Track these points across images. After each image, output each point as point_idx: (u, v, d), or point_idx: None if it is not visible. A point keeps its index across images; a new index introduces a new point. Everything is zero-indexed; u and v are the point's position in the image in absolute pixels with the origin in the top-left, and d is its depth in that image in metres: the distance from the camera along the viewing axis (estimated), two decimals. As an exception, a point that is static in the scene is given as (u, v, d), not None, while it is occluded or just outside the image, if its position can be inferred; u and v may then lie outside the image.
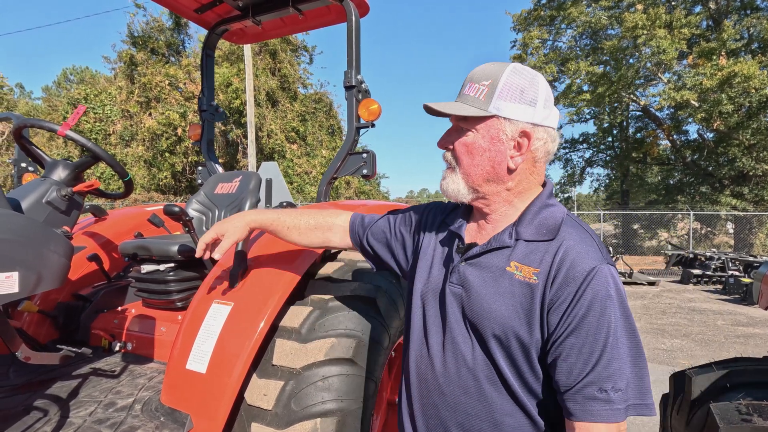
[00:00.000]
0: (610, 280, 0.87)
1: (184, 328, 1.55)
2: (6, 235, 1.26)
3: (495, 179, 0.98)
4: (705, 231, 21.54)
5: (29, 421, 1.41)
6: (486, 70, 0.97)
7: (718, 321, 7.33)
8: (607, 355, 0.84)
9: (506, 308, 0.92)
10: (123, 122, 18.22)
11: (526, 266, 0.92)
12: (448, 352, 0.99)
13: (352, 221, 1.35)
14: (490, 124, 0.96)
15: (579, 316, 0.86)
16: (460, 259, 1.01)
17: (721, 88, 15.95)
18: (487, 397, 0.94)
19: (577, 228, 0.96)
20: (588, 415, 0.83)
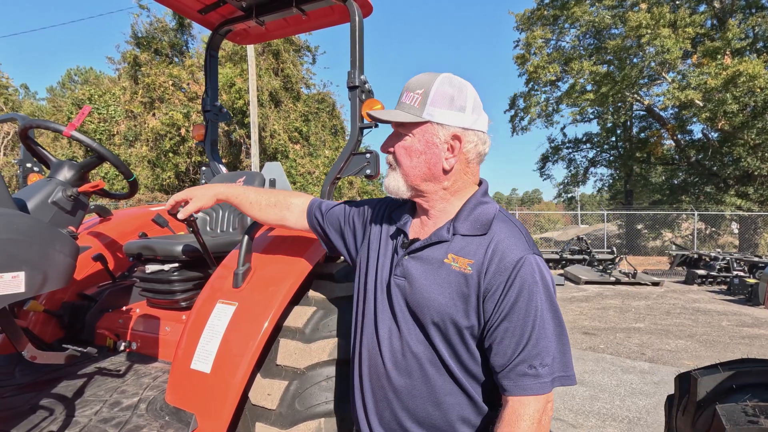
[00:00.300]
0: (535, 268, 0.98)
1: (188, 327, 1.56)
2: (12, 235, 1.27)
3: (431, 179, 1.09)
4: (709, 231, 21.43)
5: (35, 419, 1.42)
6: (419, 80, 1.08)
7: (723, 322, 7.29)
8: (535, 335, 0.94)
9: (444, 297, 1.02)
10: (127, 122, 18.28)
11: (461, 258, 1.02)
12: (394, 340, 1.08)
13: (311, 204, 1.44)
14: (424, 129, 1.07)
15: (510, 302, 0.96)
16: (404, 253, 1.12)
17: (726, 88, 15.85)
18: (429, 379, 1.04)
19: (507, 223, 1.07)
20: (520, 389, 0.94)
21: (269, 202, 1.46)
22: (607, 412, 3.78)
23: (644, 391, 4.25)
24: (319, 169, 19.48)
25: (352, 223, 1.34)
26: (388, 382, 1.07)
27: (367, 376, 1.13)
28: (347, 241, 1.34)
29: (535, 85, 23.17)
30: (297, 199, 1.46)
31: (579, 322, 7.21)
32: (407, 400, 1.05)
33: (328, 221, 1.38)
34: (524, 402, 0.93)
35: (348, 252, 1.35)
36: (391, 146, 1.12)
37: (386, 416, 1.09)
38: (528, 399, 0.93)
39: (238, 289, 1.57)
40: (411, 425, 1.05)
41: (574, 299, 9.29)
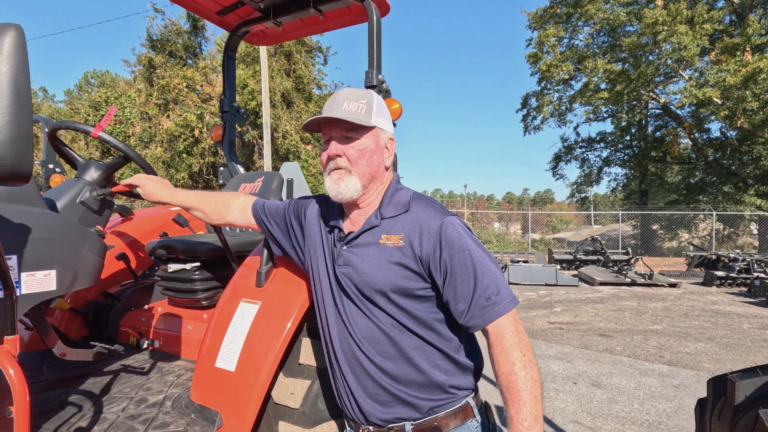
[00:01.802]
0: (456, 225, 1.16)
1: (212, 326, 1.57)
2: (44, 234, 1.30)
3: (377, 177, 1.26)
4: (728, 232, 20.97)
5: (65, 415, 1.44)
6: (356, 92, 1.24)
7: (744, 324, 7.13)
8: (479, 275, 1.12)
9: (385, 270, 1.17)
10: (142, 124, 18.57)
11: (393, 236, 1.19)
12: (357, 318, 1.22)
13: (254, 206, 1.52)
14: (374, 133, 1.24)
15: (448, 258, 1.13)
16: (342, 245, 1.26)
17: (746, 85, 15.50)
18: (395, 340, 1.17)
19: (422, 198, 1.26)
20: (488, 320, 1.11)
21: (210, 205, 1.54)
22: (626, 415, 3.72)
23: (664, 394, 4.17)
24: (330, 169, 19.53)
25: (292, 223, 1.44)
26: (362, 354, 1.19)
27: (344, 359, 1.23)
28: (293, 242, 1.44)
29: (548, 84, 22.95)
30: (237, 199, 1.55)
31: (595, 323, 7.11)
32: (382, 364, 1.18)
33: (274, 222, 1.47)
34: (498, 324, 1.10)
35: (294, 251, 1.45)
36: (341, 150, 1.21)
37: (369, 385, 1.19)
38: (497, 322, 1.10)
39: (261, 289, 1.58)
40: (392, 385, 1.17)
41: (589, 300, 9.17)
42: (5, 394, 0.93)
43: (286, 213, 1.46)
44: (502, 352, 1.08)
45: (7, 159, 0.77)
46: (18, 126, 0.78)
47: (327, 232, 1.33)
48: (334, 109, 1.21)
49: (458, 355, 1.21)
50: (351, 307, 1.23)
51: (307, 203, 1.43)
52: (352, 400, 1.22)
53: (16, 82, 0.78)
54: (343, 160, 1.21)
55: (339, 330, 1.25)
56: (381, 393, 1.18)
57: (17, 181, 0.81)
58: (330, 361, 1.30)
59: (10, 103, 0.77)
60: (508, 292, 1.13)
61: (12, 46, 0.77)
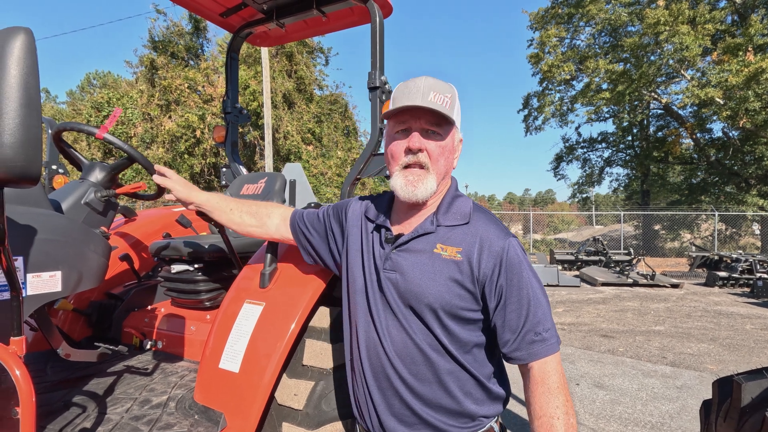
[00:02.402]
0: (518, 250, 1.09)
1: (216, 327, 1.58)
2: (49, 235, 1.30)
3: (446, 177, 1.18)
4: (730, 232, 20.91)
5: (69, 416, 1.45)
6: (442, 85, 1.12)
7: (747, 325, 7.11)
8: (532, 307, 1.06)
9: (438, 284, 1.08)
10: (144, 125, 18.61)
11: (449, 247, 1.10)
12: (393, 330, 1.13)
13: (293, 215, 1.45)
14: (455, 130, 1.16)
15: (505, 283, 1.06)
16: (391, 248, 1.16)
17: (748, 85, 15.46)
18: (432, 362, 1.10)
19: (484, 212, 1.17)
20: (535, 355, 1.05)
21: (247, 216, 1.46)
22: (629, 416, 3.71)
23: (667, 395, 4.16)
24: (331, 170, 19.57)
25: (332, 228, 1.36)
26: (393, 371, 1.11)
27: (370, 371, 1.15)
28: (332, 247, 1.37)
29: (550, 84, 22.92)
30: (276, 211, 1.47)
31: (596, 324, 7.10)
32: (414, 385, 1.10)
33: (313, 230, 1.39)
34: (545, 363, 1.05)
35: (332, 257, 1.37)
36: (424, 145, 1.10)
37: (395, 404, 1.12)
38: (543, 361, 1.05)
39: (264, 290, 1.58)
40: (421, 408, 1.11)
41: (591, 301, 9.15)
42: (11, 395, 0.94)
43: (326, 218, 1.39)
44: (546, 393, 1.02)
45: (18, 161, 0.77)
46: (28, 129, 0.78)
47: (370, 232, 1.23)
48: (418, 98, 1.08)
49: (490, 383, 1.14)
50: (389, 318, 1.14)
51: (348, 205, 1.36)
52: (374, 415, 1.16)
53: (26, 85, 0.78)
54: (425, 155, 1.11)
55: (369, 339, 1.16)
56: (408, 414, 1.12)
57: (26, 183, 0.81)
58: (353, 368, 1.23)
59: (20, 106, 0.77)
60: (556, 332, 1.08)
61: (22, 49, 0.78)
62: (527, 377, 1.08)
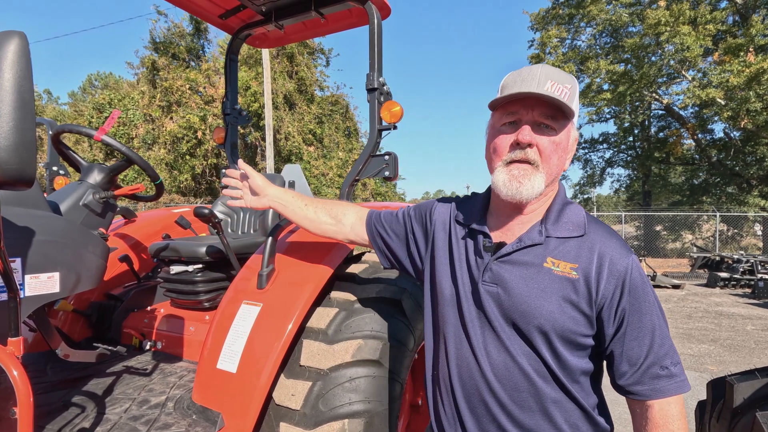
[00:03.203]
0: (642, 270, 0.96)
1: (214, 328, 1.59)
2: (47, 237, 1.31)
3: (556, 179, 1.02)
4: (731, 233, 20.86)
5: (68, 416, 1.46)
6: (561, 74, 0.98)
7: (748, 326, 7.09)
8: (658, 336, 0.93)
9: (550, 304, 0.94)
10: (145, 126, 18.66)
11: (563, 262, 0.95)
12: (492, 350, 1.00)
13: (369, 215, 1.34)
14: (570, 126, 1.00)
15: (628, 308, 0.93)
16: (492, 258, 1.01)
17: (749, 86, 15.42)
18: (537, 388, 0.97)
19: (600, 224, 1.02)
20: (659, 392, 0.91)
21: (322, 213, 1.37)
22: (628, 417, 3.70)
23: (667, 396, 4.16)
24: (332, 170, 19.59)
25: (414, 231, 1.24)
26: (491, 397, 1.00)
27: (462, 393, 1.04)
28: (412, 251, 1.25)
29: (550, 85, 22.87)
30: (351, 209, 1.37)
31: (597, 325, 7.09)
32: (515, 413, 0.99)
33: (391, 231, 1.28)
34: (669, 403, 0.92)
35: (412, 262, 1.26)
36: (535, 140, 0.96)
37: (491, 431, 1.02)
38: (668, 401, 0.92)
39: (262, 291, 1.59)
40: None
41: (592, 302, 9.14)
42: (9, 395, 0.95)
43: (407, 220, 1.27)
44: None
45: (12, 164, 0.78)
46: (22, 131, 0.79)
47: (463, 238, 1.10)
48: (533, 85, 0.94)
49: (597, 414, 1.01)
50: (487, 336, 1.01)
51: (434, 206, 1.23)
52: None
53: (19, 89, 0.79)
54: (534, 151, 0.96)
55: (461, 358, 1.04)
56: None
57: (21, 185, 0.82)
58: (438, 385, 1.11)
59: (14, 109, 0.78)
60: (683, 369, 0.95)
61: (16, 53, 0.79)
62: (644, 416, 0.95)
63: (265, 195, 1.39)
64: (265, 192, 1.39)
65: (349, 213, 1.36)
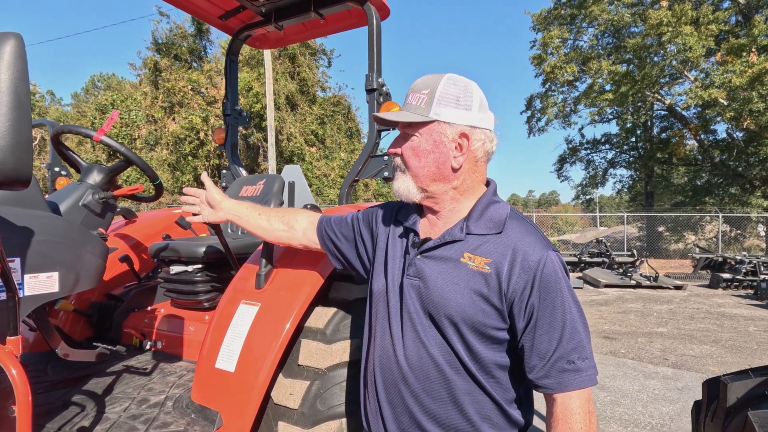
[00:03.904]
0: (557, 265, 0.98)
1: (212, 327, 1.59)
2: (47, 237, 1.32)
3: (441, 179, 1.08)
4: (734, 234, 20.78)
5: (68, 415, 1.47)
6: (425, 81, 1.08)
7: (750, 327, 7.06)
8: (568, 331, 0.95)
9: (462, 296, 1.00)
10: (147, 127, 18.73)
11: (478, 257, 1.01)
12: (408, 341, 1.06)
13: (320, 220, 1.40)
14: (431, 128, 1.06)
15: (538, 301, 0.96)
16: (416, 253, 1.10)
17: (752, 86, 15.37)
18: (448, 380, 1.02)
19: (521, 220, 1.07)
20: (564, 386, 0.94)
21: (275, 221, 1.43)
22: (629, 418, 3.70)
23: (667, 397, 4.15)
24: (334, 171, 19.62)
25: (361, 233, 1.31)
26: (405, 386, 1.05)
27: (382, 382, 1.10)
28: (360, 253, 1.32)
29: (552, 86, 22.88)
30: (303, 215, 1.44)
31: (599, 326, 7.07)
32: (427, 403, 1.03)
33: (341, 234, 1.35)
34: (571, 397, 0.94)
35: (361, 263, 1.32)
36: (398, 148, 1.11)
37: (405, 421, 1.07)
38: (573, 394, 0.94)
39: (260, 290, 1.60)
40: (432, 428, 1.04)
41: (594, 303, 9.12)
42: (8, 394, 0.96)
43: (355, 223, 1.33)
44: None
45: (8, 164, 0.79)
46: (18, 132, 0.80)
47: (400, 236, 1.18)
48: (404, 103, 1.11)
49: (512, 408, 1.05)
50: (407, 328, 1.07)
51: (381, 209, 1.31)
52: (382, 428, 1.11)
53: (16, 89, 0.80)
54: (399, 159, 1.11)
55: (383, 350, 1.11)
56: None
57: (17, 186, 0.83)
58: (365, 380, 1.18)
59: (10, 110, 0.79)
60: (593, 363, 0.97)
61: (12, 54, 0.80)
62: (549, 411, 0.98)
63: (221, 209, 1.43)
64: (221, 206, 1.43)
65: (301, 219, 1.42)
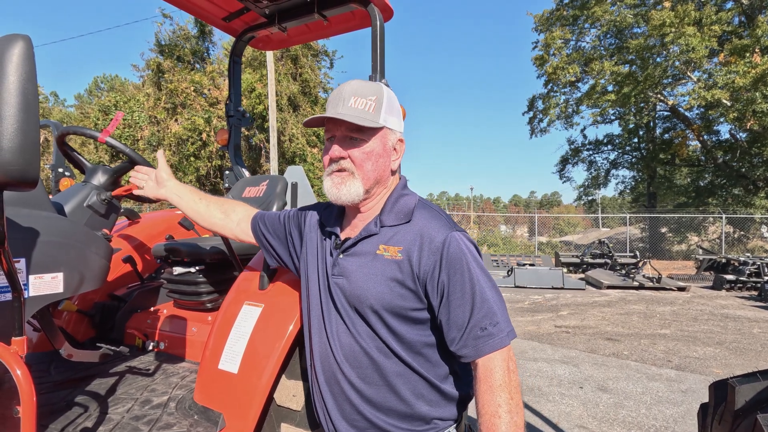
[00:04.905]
0: (461, 243, 1.05)
1: (216, 328, 1.59)
2: (52, 237, 1.32)
3: (381, 181, 1.16)
4: (738, 235, 20.70)
5: (71, 416, 1.47)
6: (366, 87, 1.12)
7: (754, 329, 7.03)
8: (478, 301, 1.02)
9: (379, 285, 1.07)
10: (150, 128, 18.79)
11: (391, 247, 1.09)
12: (341, 335, 1.13)
13: (256, 215, 1.44)
14: (383, 133, 1.13)
15: (447, 279, 1.03)
16: (338, 253, 1.17)
17: (755, 87, 15.34)
18: (378, 364, 1.09)
19: (427, 209, 1.15)
20: (480, 351, 1.01)
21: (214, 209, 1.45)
22: (633, 420, 3.69)
23: (671, 399, 4.13)
24: (336, 172, 19.62)
25: (291, 232, 1.36)
26: (342, 376, 1.11)
27: (323, 376, 1.16)
28: (291, 251, 1.36)
29: (554, 87, 22.87)
30: (241, 208, 1.46)
31: (602, 327, 7.05)
32: (363, 389, 1.10)
33: (273, 231, 1.39)
34: (489, 359, 1.00)
35: (291, 260, 1.37)
36: (345, 153, 1.11)
37: (346, 409, 1.12)
38: (490, 357, 1.00)
39: (264, 291, 1.60)
40: (371, 412, 1.10)
41: (596, 304, 9.09)
42: (13, 394, 0.96)
43: (287, 222, 1.38)
44: (489, 391, 0.98)
45: (16, 165, 0.79)
46: (26, 133, 0.80)
47: (323, 239, 1.25)
48: (339, 105, 1.10)
49: (445, 384, 1.12)
50: (337, 323, 1.15)
51: (309, 211, 1.36)
52: (328, 420, 1.16)
53: (24, 91, 0.81)
54: (347, 162, 1.12)
55: (321, 346, 1.17)
56: (358, 418, 1.11)
57: (25, 187, 0.83)
58: (310, 376, 1.23)
59: (18, 111, 0.80)
60: (507, 325, 1.03)
61: (20, 56, 0.80)
62: (475, 376, 1.03)
63: (164, 186, 1.46)
64: (165, 184, 1.46)
65: (239, 210, 1.45)
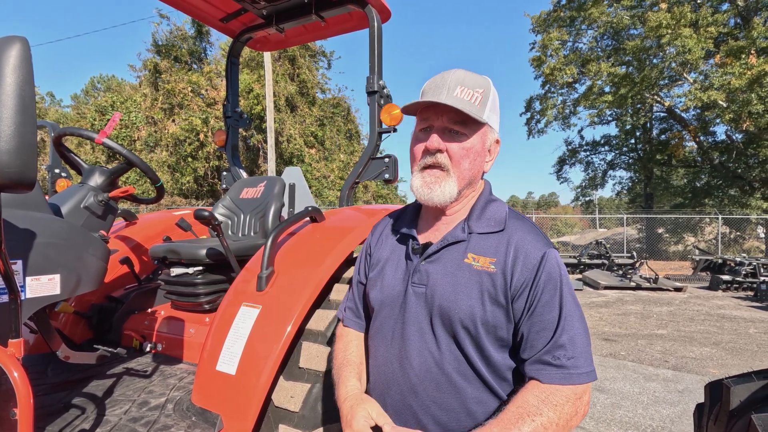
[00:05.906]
0: (558, 260, 0.98)
1: (213, 330, 1.59)
2: (48, 239, 1.32)
3: (473, 182, 1.06)
4: (734, 235, 20.80)
5: (68, 418, 1.46)
6: (473, 78, 1.02)
7: (750, 329, 7.06)
8: (560, 327, 0.92)
9: (469, 298, 0.96)
10: (147, 128, 18.73)
11: (482, 257, 0.99)
12: (414, 352, 1.00)
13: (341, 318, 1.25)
14: (484, 131, 1.03)
15: (538, 297, 0.94)
16: (420, 259, 1.04)
17: (751, 88, 15.40)
18: (459, 389, 0.97)
19: (522, 219, 1.05)
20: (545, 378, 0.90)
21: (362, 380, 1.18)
22: (630, 420, 3.70)
23: (668, 399, 4.14)
24: (334, 173, 19.62)
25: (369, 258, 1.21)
26: (413, 398, 0.99)
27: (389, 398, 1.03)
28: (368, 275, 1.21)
29: (552, 88, 22.93)
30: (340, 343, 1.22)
31: (599, 328, 7.07)
32: (438, 414, 0.98)
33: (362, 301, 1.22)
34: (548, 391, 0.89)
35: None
36: (443, 145, 0.99)
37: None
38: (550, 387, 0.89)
39: (261, 293, 1.60)
40: None
41: (594, 304, 9.11)
42: (10, 397, 0.95)
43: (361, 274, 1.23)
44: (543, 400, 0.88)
45: (13, 167, 0.79)
46: (23, 135, 0.80)
47: (396, 242, 1.12)
48: (443, 93, 0.98)
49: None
50: (414, 339, 1.01)
51: (375, 228, 1.25)
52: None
53: (21, 93, 0.80)
54: (444, 156, 1.00)
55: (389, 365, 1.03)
56: None
57: (22, 188, 0.83)
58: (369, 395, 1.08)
59: (16, 113, 0.80)
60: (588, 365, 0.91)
61: (18, 58, 0.80)
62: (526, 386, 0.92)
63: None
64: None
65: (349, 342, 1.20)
